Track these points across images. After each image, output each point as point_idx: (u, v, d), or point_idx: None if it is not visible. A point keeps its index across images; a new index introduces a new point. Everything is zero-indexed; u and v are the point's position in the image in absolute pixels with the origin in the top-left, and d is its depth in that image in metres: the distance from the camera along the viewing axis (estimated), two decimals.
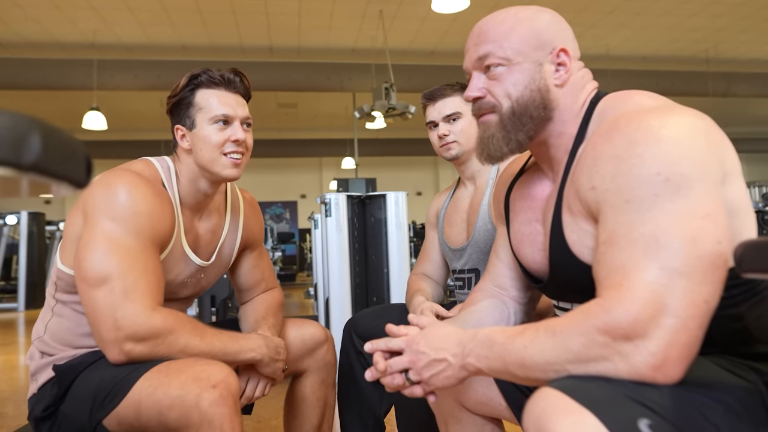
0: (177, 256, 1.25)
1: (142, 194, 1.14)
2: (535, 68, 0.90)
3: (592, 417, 0.59)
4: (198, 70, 1.25)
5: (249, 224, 1.44)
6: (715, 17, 6.58)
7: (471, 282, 1.64)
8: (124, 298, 1.07)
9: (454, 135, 1.63)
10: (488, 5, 5.87)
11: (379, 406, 1.65)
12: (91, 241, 1.10)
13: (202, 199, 1.30)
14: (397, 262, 3.05)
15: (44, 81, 6.73)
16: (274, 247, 7.37)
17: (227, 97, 1.25)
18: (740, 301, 0.77)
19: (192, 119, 1.24)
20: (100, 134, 8.77)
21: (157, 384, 1.03)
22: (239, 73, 1.29)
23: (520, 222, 1.02)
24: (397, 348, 0.87)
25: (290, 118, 10.73)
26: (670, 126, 0.72)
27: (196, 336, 1.13)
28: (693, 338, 0.65)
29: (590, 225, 0.81)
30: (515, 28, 0.90)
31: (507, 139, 0.91)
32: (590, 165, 0.78)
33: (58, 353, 1.19)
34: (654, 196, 0.70)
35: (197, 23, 6.28)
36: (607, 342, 0.66)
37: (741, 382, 0.72)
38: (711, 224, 0.68)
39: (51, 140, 0.37)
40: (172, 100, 1.27)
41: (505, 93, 0.91)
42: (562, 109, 0.91)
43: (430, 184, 13.74)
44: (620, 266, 0.70)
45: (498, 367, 0.76)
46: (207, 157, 1.23)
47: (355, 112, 6.36)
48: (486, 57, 0.91)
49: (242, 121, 1.27)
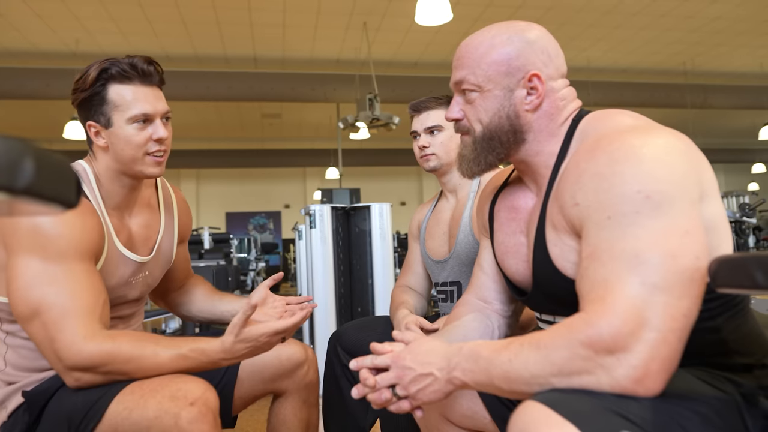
0: (113, 258, 1.20)
1: (55, 215, 1.06)
2: (505, 95, 0.93)
3: (575, 430, 0.61)
4: (106, 61, 1.17)
5: (182, 218, 1.43)
6: (691, 31, 6.73)
7: (453, 295, 1.65)
8: (57, 330, 1.03)
9: (433, 147, 1.65)
10: (470, 18, 5.95)
11: (364, 419, 1.65)
12: (14, 277, 1.05)
13: (127, 195, 1.24)
14: (382, 272, 3.06)
15: (25, 90, 6.64)
16: (258, 257, 7.32)
17: (144, 92, 1.17)
18: (717, 314, 0.79)
19: (107, 117, 1.16)
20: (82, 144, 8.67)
21: (132, 406, 1.00)
22: (152, 61, 1.20)
23: (505, 234, 1.04)
24: (383, 364, 0.87)
25: (274, 129, 10.70)
26: (651, 145, 0.75)
27: (146, 358, 1.05)
28: (673, 352, 0.67)
29: (573, 240, 0.82)
30: (488, 54, 0.93)
31: (477, 160, 0.97)
32: (574, 182, 0.80)
33: (24, 380, 1.15)
34: (635, 213, 0.71)
35: (181, 33, 6.26)
36: (589, 355, 0.67)
37: (718, 393, 0.74)
38: (690, 241, 0.70)
39: (43, 164, 0.38)
40: (81, 94, 1.17)
41: (477, 118, 0.95)
42: (536, 131, 0.93)
43: (414, 194, 13.78)
44: (602, 281, 0.71)
45: (483, 380, 0.77)
46: (128, 156, 1.17)
47: (339, 122, 6.37)
48: (461, 82, 0.96)
49: (162, 116, 1.20)
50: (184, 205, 1.46)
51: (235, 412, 1.38)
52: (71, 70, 6.47)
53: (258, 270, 7.73)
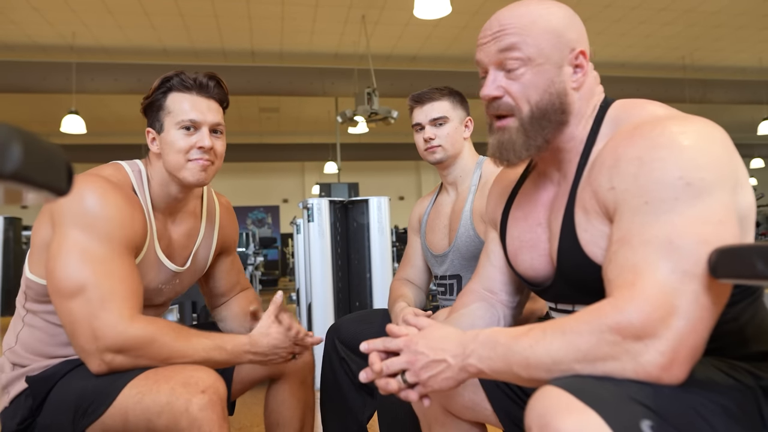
0: (150, 262, 1.22)
1: (111, 199, 1.11)
2: (556, 71, 0.87)
3: (596, 416, 0.60)
4: (172, 72, 1.23)
5: (225, 229, 1.43)
6: (691, 26, 6.71)
7: (453, 288, 1.65)
8: (101, 308, 1.04)
9: (439, 139, 1.63)
10: (469, 11, 5.93)
11: (362, 412, 1.65)
12: (61, 252, 1.07)
13: (174, 203, 1.28)
14: (380, 266, 3.05)
15: (22, 84, 6.62)
16: (256, 251, 7.32)
17: (198, 101, 1.21)
18: (736, 301, 0.79)
19: (161, 123, 1.21)
20: (79, 138, 8.66)
21: (145, 391, 1.02)
22: (215, 77, 1.25)
23: (521, 229, 1.01)
24: (395, 348, 0.84)
25: (272, 123, 10.68)
26: (691, 133, 0.74)
27: (181, 346, 1.10)
28: (700, 340, 0.67)
29: (605, 225, 0.81)
30: (537, 23, 0.87)
31: (527, 144, 0.89)
32: (611, 166, 0.79)
33: (31, 364, 1.17)
34: (674, 199, 0.71)
35: (178, 27, 6.24)
36: (616, 341, 0.67)
37: (737, 384, 0.74)
38: (724, 230, 0.69)
39: (32, 148, 0.37)
40: (145, 102, 1.24)
41: (524, 96, 0.88)
42: (576, 112, 0.90)
43: (413, 188, 13.78)
44: (632, 266, 0.70)
45: (501, 367, 0.75)
46: (173, 162, 1.20)
47: (338, 116, 6.36)
48: (509, 50, 0.87)
49: (211, 127, 1.22)
50: (228, 215, 1.46)
51: (235, 397, 1.41)
52: (68, 64, 6.45)
53: (256, 264, 7.72)
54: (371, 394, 1.63)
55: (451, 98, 1.65)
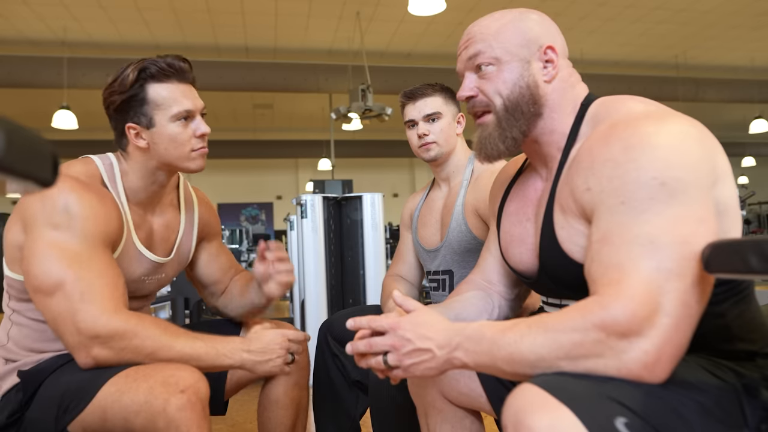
0: (129, 254, 1.21)
1: (81, 198, 1.09)
2: (524, 66, 0.93)
3: (570, 414, 0.60)
4: (142, 61, 1.17)
5: (204, 217, 1.43)
6: (684, 24, 6.73)
7: (445, 283, 1.65)
8: (81, 301, 1.03)
9: (433, 135, 1.62)
10: (464, 8, 5.92)
11: (354, 408, 1.65)
12: (36, 251, 1.05)
13: (157, 191, 1.26)
14: (373, 263, 3.05)
15: (12, 78, 6.55)
16: (250, 248, 7.30)
17: (184, 89, 1.20)
18: (722, 299, 0.79)
19: (149, 117, 1.17)
20: (71, 133, 8.58)
21: (124, 389, 1.00)
22: (185, 59, 1.22)
23: (511, 223, 1.04)
24: (381, 328, 0.84)
25: (266, 119, 10.64)
26: (665, 132, 0.74)
27: (166, 341, 1.07)
28: (684, 339, 0.67)
29: (582, 224, 0.82)
30: (503, 29, 0.94)
31: (503, 136, 0.94)
32: (586, 168, 0.80)
33: (23, 359, 1.16)
34: (650, 199, 0.71)
35: (171, 22, 6.19)
36: (601, 338, 0.67)
37: (719, 382, 0.74)
38: (704, 229, 0.70)
39: (15, 138, 0.36)
40: (119, 97, 1.17)
41: (495, 91, 0.94)
42: (551, 105, 0.94)
43: (407, 185, 13.77)
44: (616, 264, 0.71)
45: (486, 362, 0.75)
46: (176, 154, 1.20)
47: (332, 113, 6.34)
48: (476, 56, 0.95)
49: (200, 111, 1.23)
50: (205, 204, 1.46)
51: (228, 396, 1.40)
52: (59, 59, 6.39)
53: (250, 261, 7.71)
54: (364, 390, 1.62)
55: (444, 94, 1.65)
